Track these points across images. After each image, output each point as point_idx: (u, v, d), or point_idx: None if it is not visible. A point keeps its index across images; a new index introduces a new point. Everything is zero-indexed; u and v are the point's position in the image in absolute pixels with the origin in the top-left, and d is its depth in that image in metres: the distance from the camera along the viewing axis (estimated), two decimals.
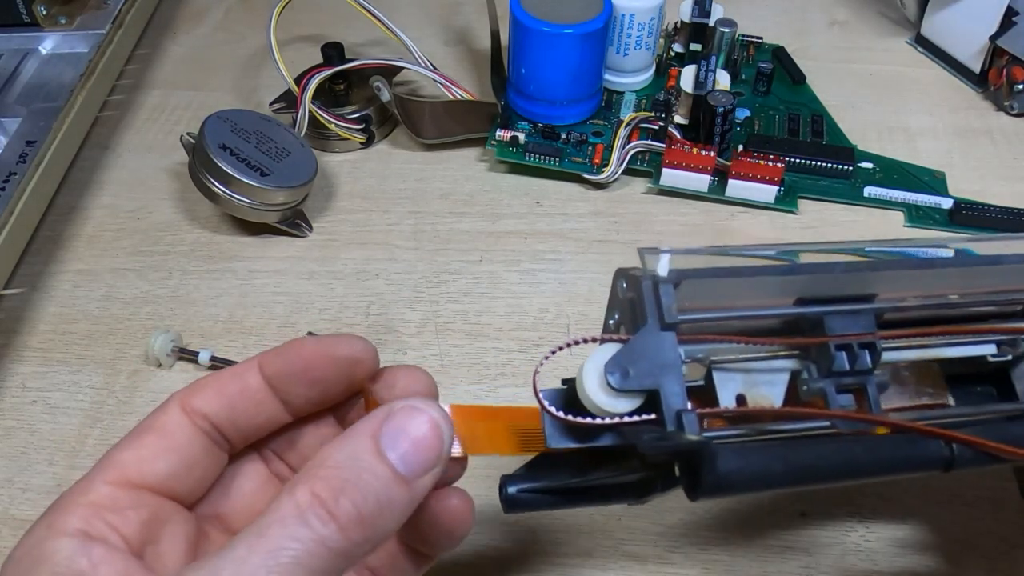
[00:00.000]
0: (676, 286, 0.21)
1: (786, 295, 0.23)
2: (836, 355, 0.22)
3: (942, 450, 0.21)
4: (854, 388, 0.22)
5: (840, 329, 0.22)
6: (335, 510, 0.18)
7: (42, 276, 0.42)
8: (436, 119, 0.47)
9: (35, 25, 0.49)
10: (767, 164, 0.42)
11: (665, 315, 0.21)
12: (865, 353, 0.22)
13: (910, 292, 0.23)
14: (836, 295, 0.22)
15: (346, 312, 0.40)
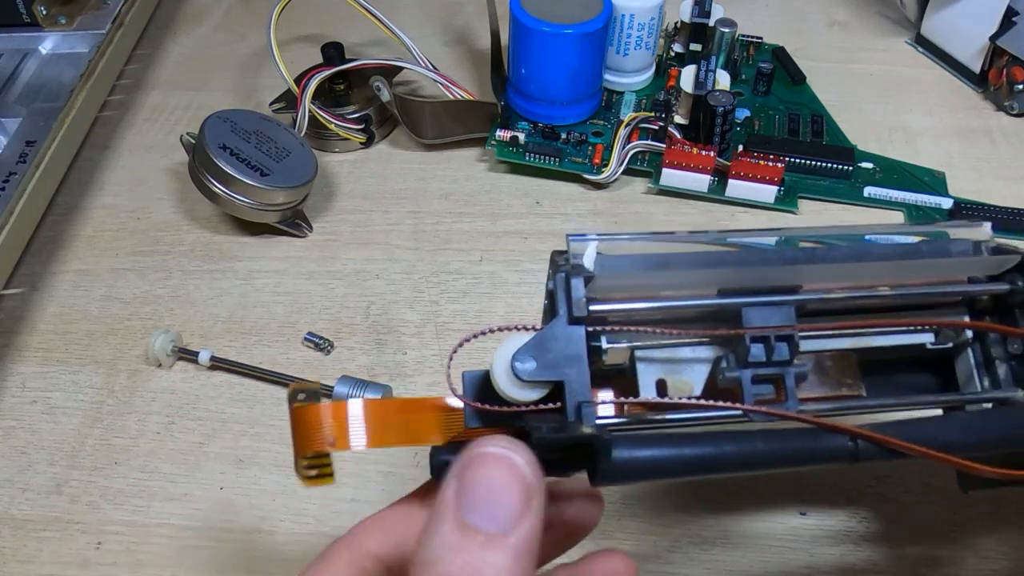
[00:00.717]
0: (588, 280, 0.22)
1: (711, 285, 0.23)
2: (751, 347, 0.22)
3: (846, 443, 0.21)
4: (772, 378, 0.22)
5: (758, 321, 0.22)
6: None
7: (42, 276, 0.42)
8: (436, 119, 0.47)
9: (35, 25, 0.49)
10: (767, 164, 0.42)
11: (574, 309, 0.21)
12: (782, 345, 0.22)
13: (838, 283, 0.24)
14: (759, 286, 0.23)
15: (346, 312, 0.40)
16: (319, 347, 0.38)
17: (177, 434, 0.36)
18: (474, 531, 0.17)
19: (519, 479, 0.18)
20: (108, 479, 0.34)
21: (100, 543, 0.33)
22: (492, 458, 0.18)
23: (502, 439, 0.18)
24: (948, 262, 0.24)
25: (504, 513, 0.17)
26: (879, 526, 0.32)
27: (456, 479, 0.18)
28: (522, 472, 0.18)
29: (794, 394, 0.22)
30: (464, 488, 0.18)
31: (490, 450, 0.18)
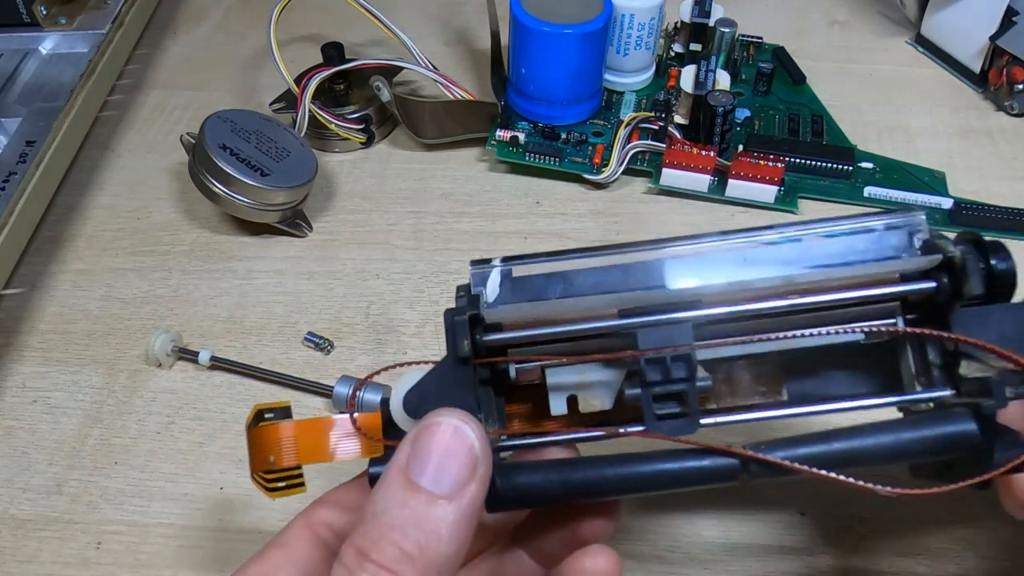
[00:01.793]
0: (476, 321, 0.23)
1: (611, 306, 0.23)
2: (647, 368, 0.22)
3: (730, 464, 0.21)
4: (675, 394, 0.22)
5: (653, 343, 0.23)
6: (380, 558, 0.18)
7: (42, 276, 0.42)
8: (436, 119, 0.47)
9: (35, 25, 0.49)
10: (767, 164, 0.42)
11: (458, 350, 0.22)
12: (679, 365, 0.22)
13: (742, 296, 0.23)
14: (659, 304, 0.23)
15: (346, 312, 0.40)
16: (319, 347, 0.38)
17: (177, 434, 0.36)
18: (420, 490, 0.19)
19: (468, 448, 0.19)
20: (108, 479, 0.34)
21: (100, 543, 0.33)
22: (444, 427, 0.19)
23: (456, 412, 0.20)
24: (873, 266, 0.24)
25: (450, 478, 0.19)
26: (879, 526, 0.32)
27: (409, 444, 0.19)
28: (471, 442, 0.19)
29: (696, 410, 0.22)
30: (416, 453, 0.19)
31: (443, 420, 0.19)
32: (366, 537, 0.18)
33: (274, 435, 0.23)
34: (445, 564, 0.18)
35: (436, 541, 0.18)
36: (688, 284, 0.23)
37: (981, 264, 0.22)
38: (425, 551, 0.18)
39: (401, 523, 0.18)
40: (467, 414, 0.20)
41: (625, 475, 0.21)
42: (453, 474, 0.19)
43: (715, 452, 0.21)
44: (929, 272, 0.23)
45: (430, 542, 0.18)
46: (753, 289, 0.23)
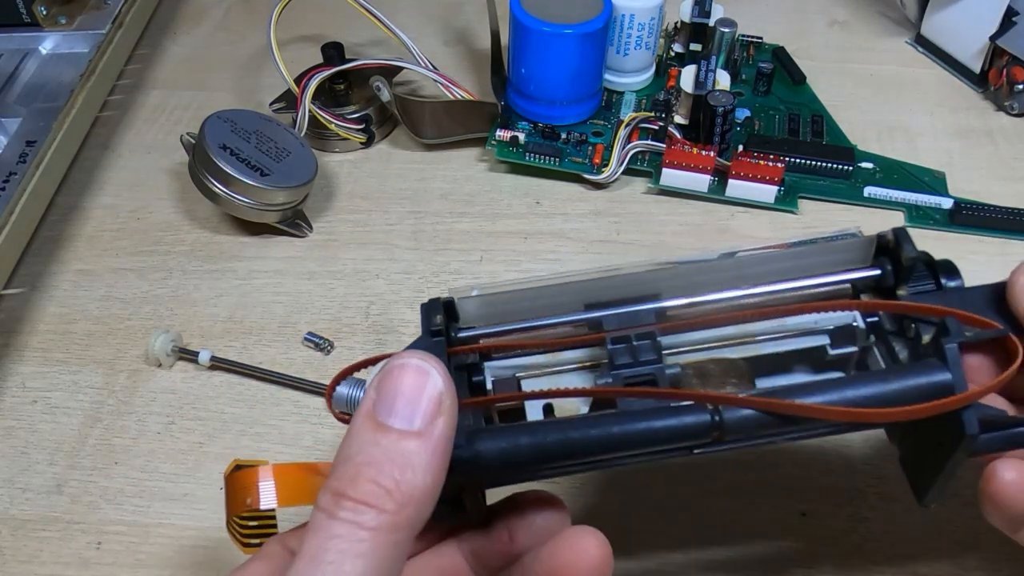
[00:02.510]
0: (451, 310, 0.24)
1: (579, 305, 0.24)
2: (613, 349, 0.23)
3: (704, 417, 0.21)
4: (645, 379, 0.23)
5: (618, 323, 0.23)
6: (357, 495, 0.18)
7: (42, 276, 0.42)
8: (436, 119, 0.47)
9: (35, 25, 0.49)
10: (767, 164, 0.42)
11: (431, 324, 0.23)
12: (644, 344, 0.23)
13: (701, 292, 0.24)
14: (622, 298, 0.24)
15: (346, 312, 0.40)
16: (319, 347, 0.38)
17: (177, 434, 0.36)
18: (390, 429, 0.19)
19: (432, 385, 0.19)
20: (108, 479, 0.34)
21: (100, 543, 0.33)
22: (406, 367, 0.19)
23: (416, 352, 0.20)
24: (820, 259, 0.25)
25: (417, 414, 0.19)
26: (879, 526, 0.32)
27: (374, 390, 0.19)
28: (434, 379, 0.19)
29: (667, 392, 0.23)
30: (380, 396, 0.19)
31: (404, 361, 0.19)
32: (341, 478, 0.18)
33: (252, 479, 0.23)
34: (423, 495, 0.19)
35: (412, 473, 0.18)
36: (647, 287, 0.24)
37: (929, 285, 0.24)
38: (401, 483, 0.18)
39: (375, 460, 0.18)
40: (427, 353, 0.20)
41: (599, 436, 0.21)
42: (420, 410, 0.19)
43: (688, 403, 0.21)
44: (872, 263, 0.24)
45: (405, 475, 0.18)
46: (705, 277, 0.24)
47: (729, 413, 0.21)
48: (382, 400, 0.19)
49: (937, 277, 0.24)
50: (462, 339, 0.24)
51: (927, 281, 0.24)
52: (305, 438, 0.36)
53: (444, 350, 0.23)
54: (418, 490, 0.18)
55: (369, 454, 0.18)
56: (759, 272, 0.25)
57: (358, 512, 0.18)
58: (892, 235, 0.24)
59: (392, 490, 0.18)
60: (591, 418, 0.22)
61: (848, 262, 0.25)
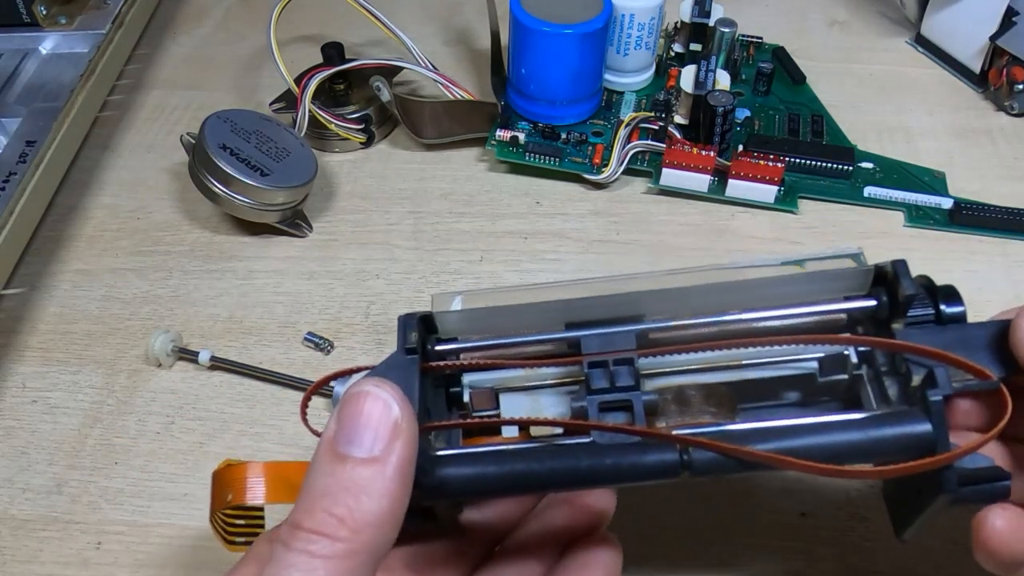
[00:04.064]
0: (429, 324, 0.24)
1: (560, 322, 0.24)
2: (590, 373, 0.23)
3: (675, 456, 0.21)
4: (621, 405, 0.23)
5: (595, 347, 0.23)
6: (311, 525, 0.19)
7: (42, 276, 0.42)
8: (436, 119, 0.47)
9: (35, 25, 0.49)
10: (767, 164, 0.42)
11: (406, 341, 0.23)
12: (622, 369, 0.23)
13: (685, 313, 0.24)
14: (603, 318, 0.24)
15: (346, 312, 0.40)
16: (319, 347, 0.38)
17: (177, 434, 0.36)
18: (346, 457, 0.19)
19: (387, 411, 0.20)
20: (108, 479, 0.34)
21: (100, 543, 0.33)
22: (362, 395, 0.20)
23: (372, 379, 0.20)
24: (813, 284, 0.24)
25: (373, 441, 0.19)
26: (879, 526, 0.32)
27: (334, 419, 0.20)
28: (389, 405, 0.20)
29: (642, 419, 0.22)
30: (341, 424, 0.20)
31: (361, 389, 0.20)
32: (299, 511, 0.19)
33: (241, 474, 0.23)
34: (379, 522, 0.19)
35: (366, 500, 0.19)
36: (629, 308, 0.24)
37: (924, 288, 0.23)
38: (355, 511, 0.19)
39: (330, 490, 0.19)
40: (384, 380, 0.20)
41: (568, 468, 0.21)
42: (376, 436, 0.19)
43: (657, 442, 0.21)
44: (868, 293, 0.24)
45: (360, 503, 0.19)
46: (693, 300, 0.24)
47: (698, 453, 0.21)
48: (341, 429, 0.19)
49: (937, 305, 0.23)
50: (440, 352, 0.24)
51: (927, 308, 0.23)
52: (305, 438, 0.36)
53: (417, 368, 0.23)
54: (373, 516, 0.19)
55: (325, 484, 0.19)
56: (750, 297, 0.24)
57: (311, 542, 0.18)
58: (891, 267, 0.23)
59: (345, 518, 0.19)
60: (560, 451, 0.22)
61: (845, 289, 0.24)
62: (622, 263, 0.42)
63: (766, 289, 0.24)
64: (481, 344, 0.24)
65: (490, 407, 0.25)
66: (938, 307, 0.23)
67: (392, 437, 0.19)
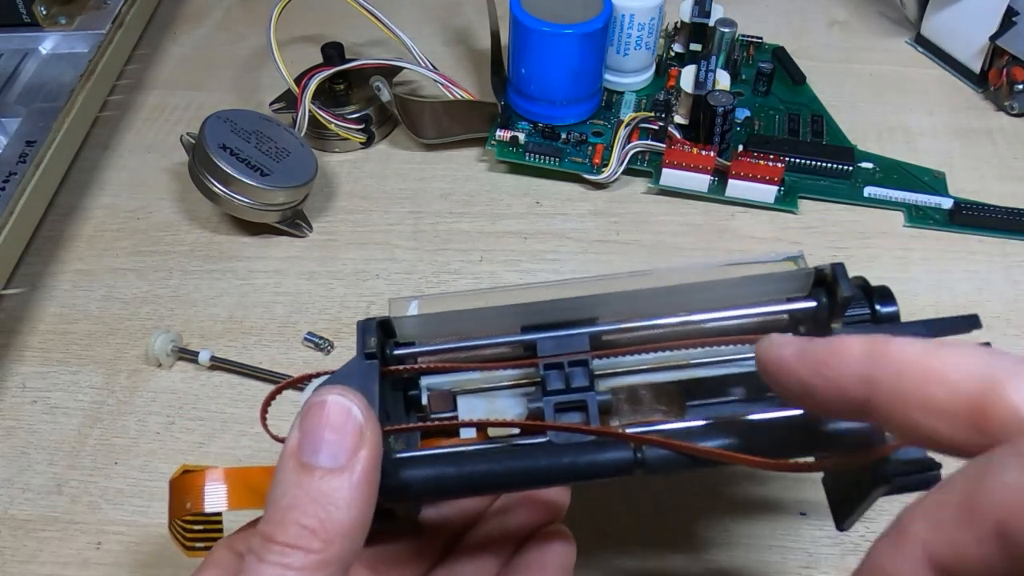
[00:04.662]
0: (387, 328, 0.24)
1: (516, 326, 0.24)
2: (547, 375, 0.23)
3: (629, 454, 0.21)
4: (576, 405, 0.23)
5: (551, 349, 0.24)
6: (284, 538, 0.19)
7: (42, 276, 0.42)
8: (436, 119, 0.47)
9: (35, 25, 0.49)
10: (767, 164, 0.42)
11: (365, 346, 0.23)
12: (577, 371, 0.23)
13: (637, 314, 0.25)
14: (557, 321, 0.24)
15: (346, 312, 0.40)
16: (319, 347, 0.38)
17: (177, 434, 0.36)
18: (313, 468, 0.19)
19: (351, 419, 0.20)
20: (108, 479, 0.34)
21: (100, 543, 0.33)
22: (326, 404, 0.20)
23: (336, 387, 0.20)
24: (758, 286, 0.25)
25: (339, 450, 0.19)
26: (879, 526, 0.32)
27: (298, 428, 0.20)
28: (353, 413, 0.20)
29: (596, 419, 0.23)
30: (304, 434, 0.19)
31: (324, 398, 0.20)
32: (269, 522, 0.19)
33: (199, 481, 0.23)
34: (350, 530, 0.19)
35: (336, 511, 0.19)
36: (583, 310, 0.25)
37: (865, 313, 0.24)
38: (326, 522, 0.19)
39: (299, 502, 0.19)
40: (346, 387, 0.20)
41: (526, 467, 0.22)
42: (341, 445, 0.19)
43: (610, 440, 0.22)
44: (809, 295, 0.25)
45: (330, 513, 0.19)
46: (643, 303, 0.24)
47: (651, 451, 0.21)
48: (305, 438, 0.19)
49: (873, 305, 0.24)
50: (398, 356, 0.24)
51: (863, 308, 0.24)
52: None
53: (376, 373, 0.23)
54: (343, 526, 0.19)
55: (294, 496, 0.19)
56: (698, 299, 0.25)
57: (285, 555, 0.18)
58: (830, 270, 0.24)
59: (317, 530, 0.19)
60: (518, 451, 0.22)
61: (787, 291, 0.25)
62: (622, 263, 0.42)
63: (713, 291, 0.25)
64: (438, 348, 0.25)
65: (448, 409, 0.25)
66: (873, 307, 0.24)
67: (357, 446, 0.19)
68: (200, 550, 0.24)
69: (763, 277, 0.25)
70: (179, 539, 0.24)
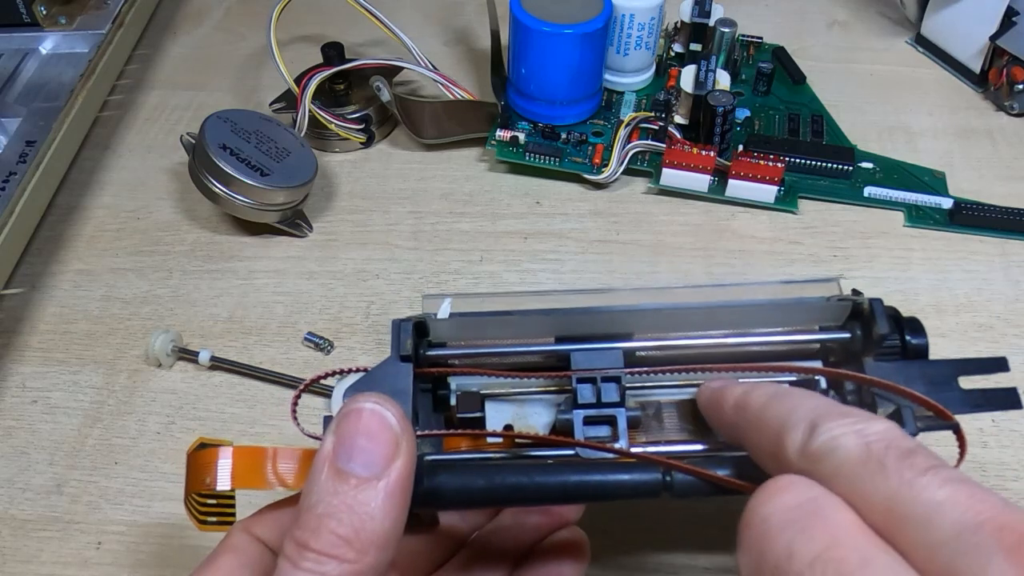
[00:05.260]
0: (421, 330, 0.24)
1: (549, 334, 0.25)
2: (579, 388, 0.23)
3: (658, 477, 0.21)
4: (605, 419, 0.23)
5: (585, 363, 0.24)
6: (319, 546, 0.19)
7: (42, 276, 0.42)
8: (436, 119, 0.47)
9: (35, 25, 0.49)
10: (767, 164, 0.42)
11: (400, 348, 0.23)
12: (610, 386, 0.23)
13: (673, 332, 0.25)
14: (593, 334, 0.24)
15: (346, 312, 0.40)
16: (319, 347, 0.38)
17: (177, 434, 0.36)
18: (348, 475, 0.19)
19: (387, 428, 0.20)
20: (108, 479, 0.34)
21: (100, 543, 0.33)
22: (363, 412, 0.20)
23: (372, 395, 0.20)
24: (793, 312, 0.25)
25: (374, 459, 0.19)
26: None
27: (333, 434, 0.20)
28: (390, 422, 0.20)
29: (625, 434, 0.23)
30: (340, 440, 0.20)
31: (361, 405, 0.20)
32: (304, 528, 0.19)
33: (212, 458, 0.23)
34: (384, 540, 0.19)
35: (370, 521, 0.19)
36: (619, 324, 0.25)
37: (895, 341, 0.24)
38: (361, 532, 0.19)
39: (335, 510, 0.19)
40: (384, 396, 0.20)
41: (555, 483, 0.22)
42: (377, 454, 0.19)
43: (640, 463, 0.22)
44: (844, 325, 0.25)
45: (364, 523, 0.19)
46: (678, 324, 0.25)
47: (679, 476, 0.21)
48: (341, 444, 0.19)
49: (903, 336, 0.24)
50: (431, 358, 0.24)
51: (894, 339, 0.24)
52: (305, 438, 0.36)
53: (411, 376, 0.23)
54: (378, 536, 0.19)
55: (329, 504, 0.19)
56: (733, 320, 0.25)
57: (320, 563, 0.18)
58: (868, 304, 0.24)
59: (352, 540, 0.19)
60: (548, 466, 0.22)
61: (821, 319, 0.26)
62: (622, 263, 0.42)
63: (749, 314, 0.25)
64: (472, 352, 0.25)
65: (476, 410, 0.25)
66: (904, 339, 0.24)
67: (393, 455, 0.19)
68: (213, 524, 0.24)
69: (800, 304, 0.25)
70: (194, 513, 0.24)
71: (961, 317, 0.39)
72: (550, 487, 0.22)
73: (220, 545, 0.23)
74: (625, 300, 0.25)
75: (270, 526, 0.24)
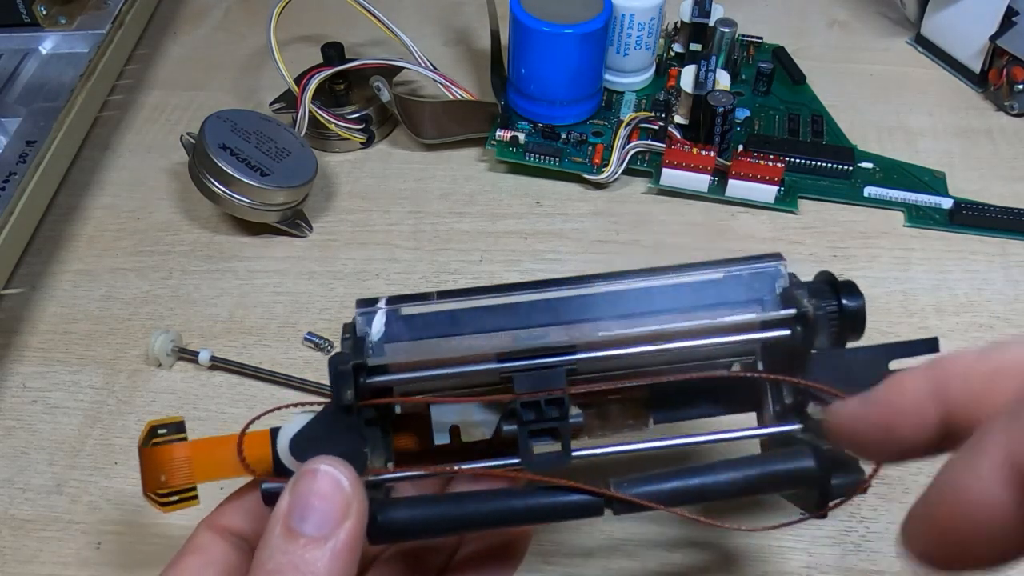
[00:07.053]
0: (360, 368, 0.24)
1: (491, 350, 0.25)
2: (522, 411, 0.24)
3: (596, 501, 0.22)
4: (549, 430, 0.24)
5: (528, 387, 0.24)
6: None
7: (42, 276, 0.42)
8: (436, 119, 0.47)
9: (35, 25, 0.49)
10: (767, 164, 0.42)
11: (341, 399, 0.23)
12: (552, 408, 0.24)
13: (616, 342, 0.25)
14: (534, 348, 0.24)
15: (346, 312, 0.40)
16: (319, 347, 0.38)
17: None
18: (298, 535, 0.20)
19: (340, 491, 0.21)
20: (108, 479, 0.34)
21: (100, 543, 0.33)
22: (317, 473, 0.21)
23: (328, 458, 0.21)
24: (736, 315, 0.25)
25: (325, 520, 0.20)
26: (879, 526, 0.32)
27: (289, 492, 0.21)
28: (343, 485, 0.21)
29: (569, 445, 0.24)
30: (294, 499, 0.21)
31: (316, 467, 0.21)
32: None
33: (167, 455, 0.24)
34: None
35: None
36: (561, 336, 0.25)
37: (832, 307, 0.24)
38: None
39: (282, 568, 0.20)
40: (339, 460, 0.21)
41: (501, 510, 0.23)
42: (328, 515, 0.20)
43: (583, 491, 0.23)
44: (785, 321, 0.25)
45: None
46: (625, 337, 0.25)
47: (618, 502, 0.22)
48: (295, 504, 0.20)
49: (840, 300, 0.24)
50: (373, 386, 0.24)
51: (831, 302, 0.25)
52: None
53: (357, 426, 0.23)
54: None
55: (277, 562, 0.20)
56: (674, 307, 0.26)
57: None
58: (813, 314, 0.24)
59: None
60: (492, 494, 0.23)
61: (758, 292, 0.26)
62: (622, 263, 0.41)
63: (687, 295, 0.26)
64: (413, 376, 0.25)
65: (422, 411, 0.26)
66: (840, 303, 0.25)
67: (343, 517, 0.20)
68: (176, 503, 0.24)
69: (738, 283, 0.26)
70: (155, 501, 0.24)
71: (961, 317, 0.39)
72: (495, 513, 0.23)
73: (185, 546, 0.24)
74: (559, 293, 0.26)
75: (235, 514, 0.24)
